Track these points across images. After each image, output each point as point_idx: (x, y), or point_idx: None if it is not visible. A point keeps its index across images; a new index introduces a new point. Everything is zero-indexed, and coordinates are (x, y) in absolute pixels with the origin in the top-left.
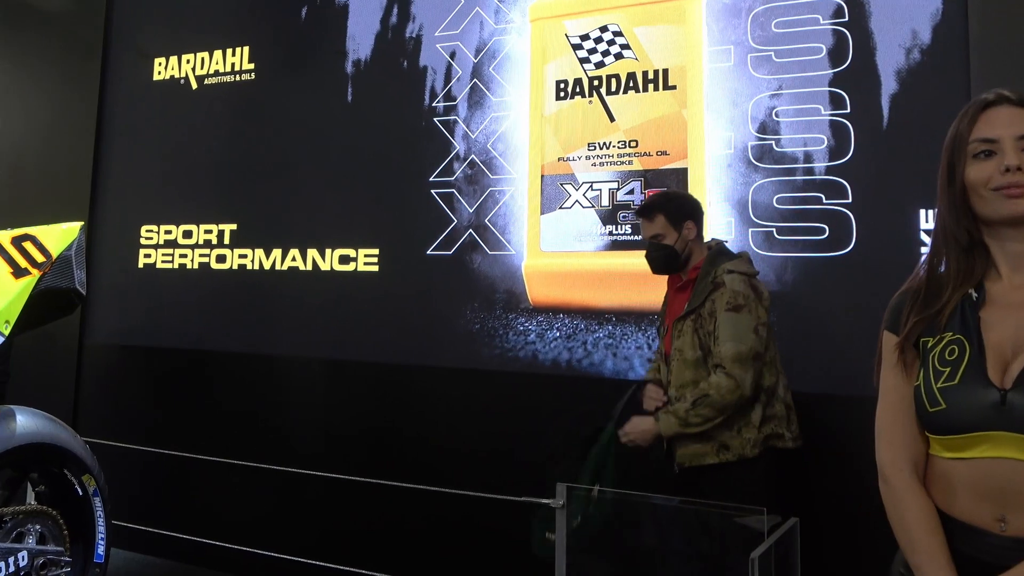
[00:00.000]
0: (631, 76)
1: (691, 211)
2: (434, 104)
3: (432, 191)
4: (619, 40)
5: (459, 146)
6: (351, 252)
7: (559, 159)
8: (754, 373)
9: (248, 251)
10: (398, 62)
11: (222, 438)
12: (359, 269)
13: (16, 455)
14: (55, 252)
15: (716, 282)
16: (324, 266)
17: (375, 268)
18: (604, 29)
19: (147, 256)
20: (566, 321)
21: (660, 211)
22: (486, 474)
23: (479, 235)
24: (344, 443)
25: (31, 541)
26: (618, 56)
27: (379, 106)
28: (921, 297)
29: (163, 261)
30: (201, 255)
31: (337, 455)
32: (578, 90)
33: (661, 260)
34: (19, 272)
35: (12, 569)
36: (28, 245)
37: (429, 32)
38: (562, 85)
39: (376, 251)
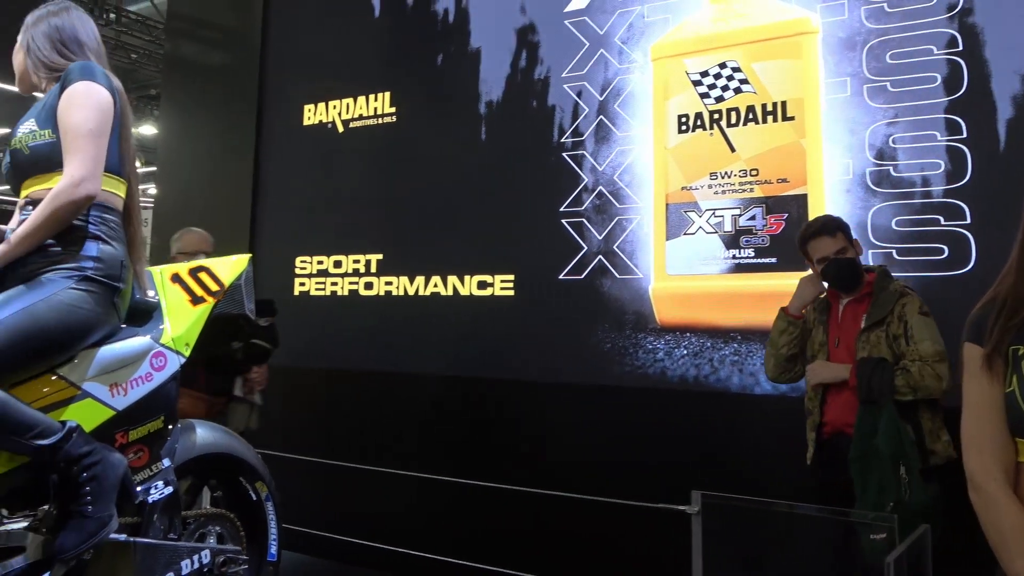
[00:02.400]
0: (750, 109)
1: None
2: (563, 140)
3: (563, 220)
4: (738, 75)
5: (587, 178)
6: (488, 278)
7: (682, 188)
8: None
9: (393, 278)
10: (528, 102)
11: (373, 448)
12: (496, 294)
13: (197, 464)
14: (227, 282)
15: (902, 291)
16: (464, 291)
17: (511, 292)
18: (723, 66)
19: (302, 284)
20: (693, 340)
21: (840, 229)
22: (618, 482)
23: (608, 260)
24: (485, 453)
25: (212, 541)
26: (737, 90)
27: (511, 143)
28: (1007, 306)
29: (316, 289)
30: (351, 283)
31: (478, 464)
32: (699, 123)
33: (852, 274)
34: (196, 300)
35: (197, 566)
36: (203, 275)
37: (556, 73)
38: (683, 119)
39: (512, 277)
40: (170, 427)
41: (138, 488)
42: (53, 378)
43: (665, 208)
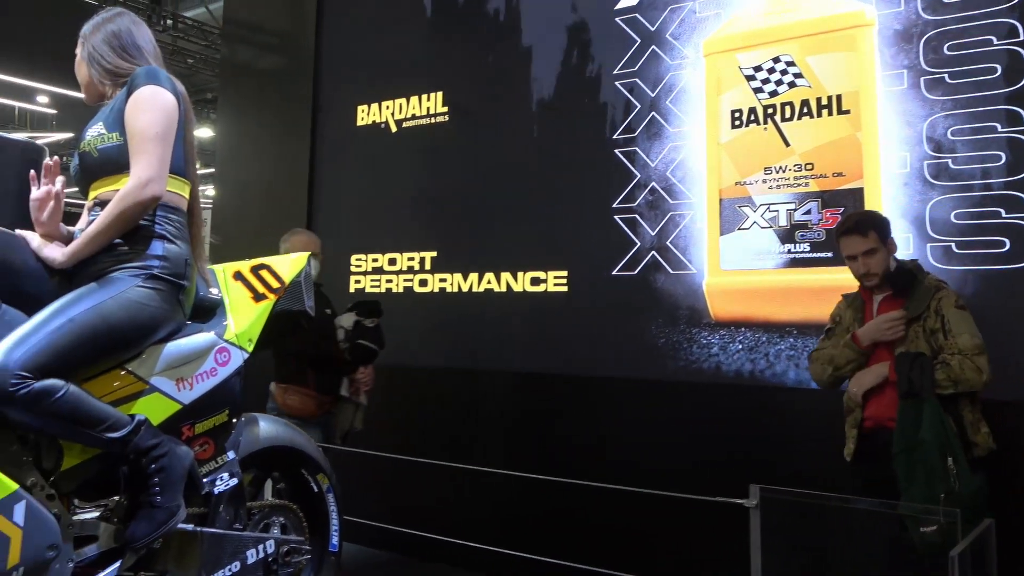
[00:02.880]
0: (805, 103)
1: (890, 230)
2: (614, 137)
3: (615, 217)
4: (792, 69)
5: (639, 174)
6: (541, 274)
7: (736, 183)
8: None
9: (447, 275)
10: (579, 100)
11: (426, 441)
12: (549, 290)
13: (260, 457)
14: (287, 279)
15: (937, 286)
16: (517, 287)
17: (564, 288)
18: (776, 60)
19: (357, 282)
20: (748, 334)
21: (873, 228)
22: (675, 476)
23: (661, 256)
24: (538, 446)
25: (276, 531)
26: (791, 84)
27: (563, 141)
28: None
29: (371, 286)
30: (405, 280)
31: (531, 457)
32: (753, 118)
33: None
34: (258, 297)
35: (262, 555)
36: (264, 273)
37: (608, 71)
38: (737, 114)
39: (565, 273)
40: (234, 420)
41: (204, 479)
42: (122, 373)
43: (719, 203)
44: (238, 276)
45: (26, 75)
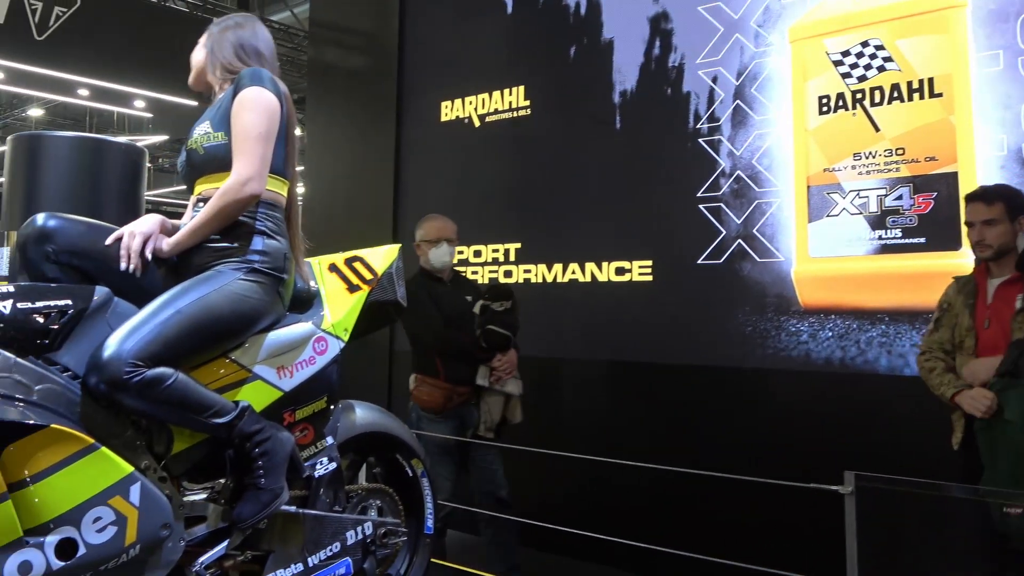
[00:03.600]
0: (895, 87)
1: None
2: (698, 126)
3: (700, 206)
4: (881, 53)
5: (724, 163)
6: (626, 264)
7: (824, 170)
8: None
9: (532, 266)
10: (662, 90)
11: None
12: (634, 279)
13: (357, 442)
14: (380, 270)
15: None
16: (601, 277)
17: (649, 278)
18: (865, 44)
19: None
20: (838, 322)
21: (1001, 199)
22: (766, 462)
23: (748, 244)
24: (624, 434)
25: (373, 514)
26: (880, 69)
27: (646, 131)
28: None
29: None
30: (490, 271)
31: (618, 444)
32: (841, 104)
33: None
34: (352, 288)
35: (360, 536)
36: (358, 265)
37: (691, 60)
38: (824, 100)
39: (649, 262)
40: (332, 407)
41: (305, 463)
42: (227, 361)
43: (807, 190)
44: (333, 268)
45: (123, 81)
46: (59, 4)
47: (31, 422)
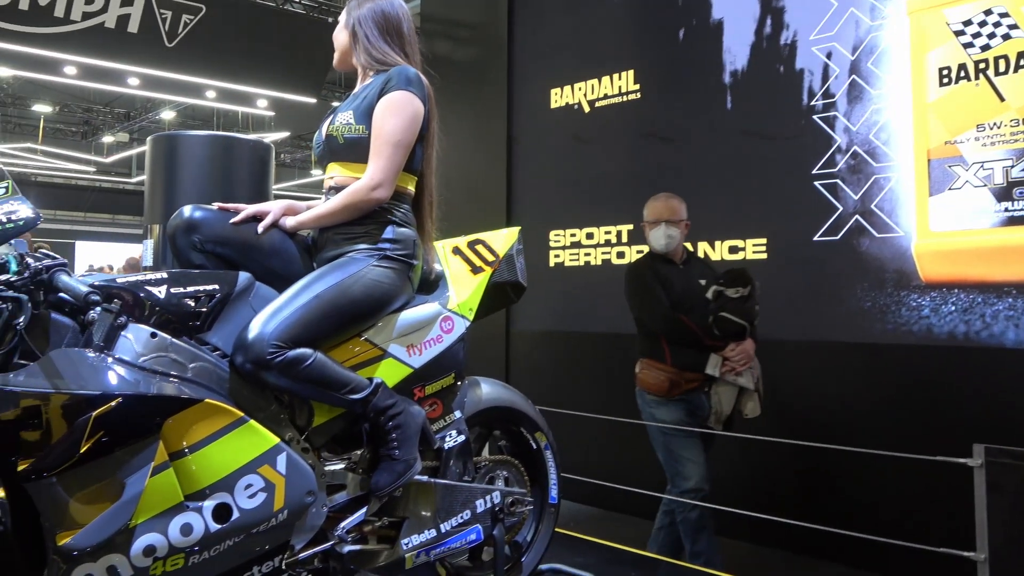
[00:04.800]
0: (1021, 55)
1: None
2: (812, 103)
3: (816, 183)
4: (1005, 21)
5: (840, 139)
6: (739, 242)
7: (946, 142)
8: None
9: (644, 247)
10: (774, 68)
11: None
12: (748, 257)
13: (483, 416)
14: (501, 252)
15: None
16: (715, 256)
17: (764, 255)
18: (988, 12)
19: (556, 256)
20: (961, 296)
21: None
22: (891, 436)
23: (866, 220)
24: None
25: (500, 484)
26: (1006, 37)
27: (758, 110)
28: None
29: (570, 260)
30: (603, 253)
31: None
32: (963, 74)
33: None
34: (476, 269)
35: (489, 505)
36: (480, 247)
37: (804, 36)
38: (945, 71)
39: (764, 240)
40: (459, 383)
41: (435, 436)
42: (361, 341)
43: (927, 164)
44: (456, 251)
45: (247, 82)
46: (186, 12)
47: (187, 397)
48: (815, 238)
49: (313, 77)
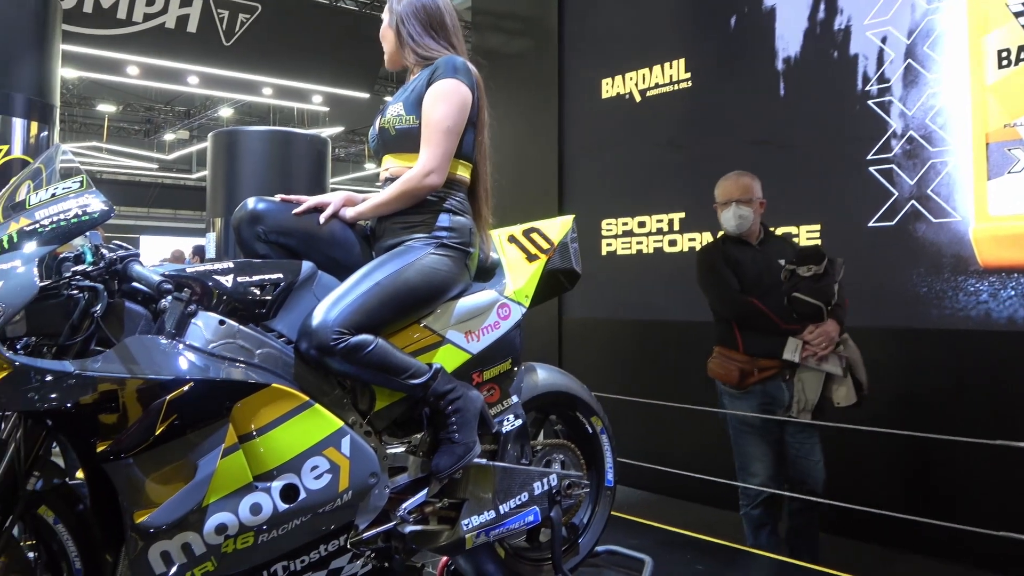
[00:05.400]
0: None
1: None
2: (867, 88)
3: (870, 168)
4: None
5: (896, 124)
6: (793, 229)
7: (1005, 126)
8: None
9: (697, 234)
10: (828, 54)
11: (673, 388)
12: (802, 243)
13: (539, 401)
14: (556, 240)
15: None
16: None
17: (817, 241)
18: None
19: (608, 245)
20: (1021, 280)
21: None
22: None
23: (922, 205)
24: None
25: (557, 467)
26: None
27: (811, 96)
28: None
29: (622, 248)
30: (655, 241)
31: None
32: (1023, 56)
33: None
34: (531, 257)
35: (546, 487)
36: (535, 236)
37: (858, 22)
38: (1004, 54)
39: (818, 226)
40: (516, 369)
41: (493, 420)
42: (420, 327)
43: (985, 148)
44: (512, 239)
45: (302, 79)
46: (243, 11)
47: (255, 381)
48: (870, 224)
49: (366, 72)
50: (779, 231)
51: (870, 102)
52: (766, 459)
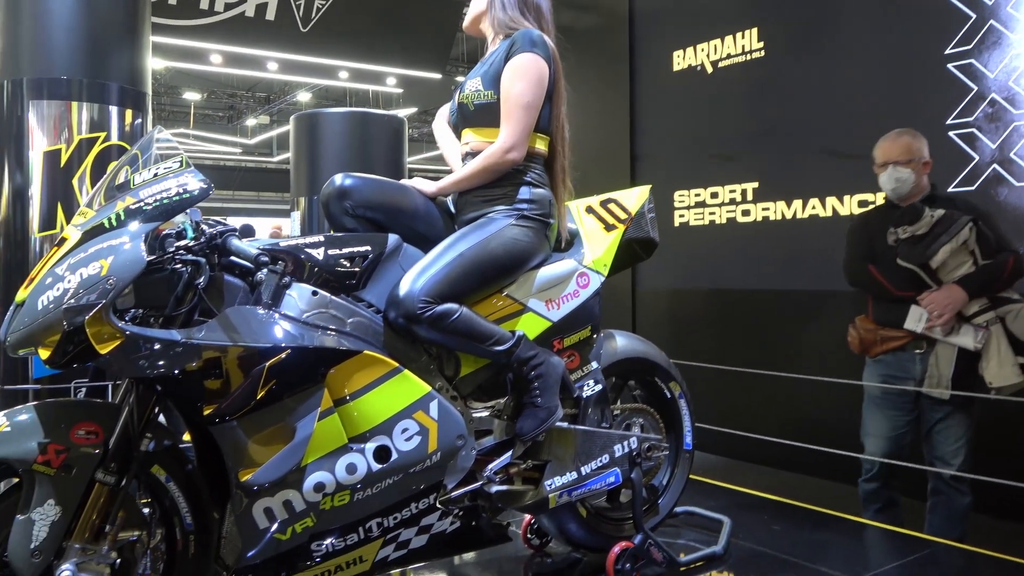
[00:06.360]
0: None
1: None
2: (947, 51)
3: (950, 133)
4: None
5: (977, 87)
6: (870, 196)
7: None
8: None
9: (770, 204)
10: (905, 17)
11: (746, 354)
12: (858, 214)
13: (618, 367)
14: (633, 210)
15: None
16: (843, 211)
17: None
18: None
19: (681, 216)
20: None
21: None
22: None
23: (1004, 169)
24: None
25: (637, 431)
26: None
27: (888, 61)
28: None
29: (695, 219)
30: (728, 211)
31: (835, 365)
32: None
33: None
34: (609, 227)
35: (626, 450)
36: (612, 206)
37: None
38: None
39: None
40: (595, 336)
41: (574, 385)
42: (503, 296)
43: None
44: (589, 210)
45: (377, 62)
46: None
47: (347, 349)
48: (950, 189)
49: (438, 53)
50: (857, 197)
51: (950, 65)
52: (881, 436)
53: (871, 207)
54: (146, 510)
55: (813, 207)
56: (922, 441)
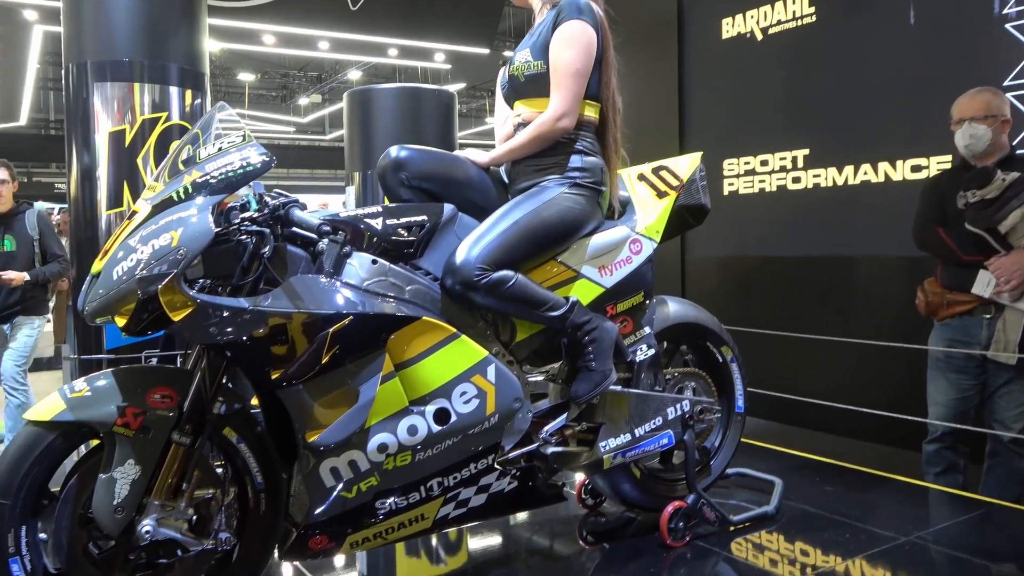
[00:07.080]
0: None
1: None
2: (1005, 11)
3: (1008, 95)
4: None
5: None
6: (923, 161)
7: None
8: None
9: (821, 171)
10: None
11: (796, 320)
12: (931, 175)
13: (671, 332)
14: (684, 177)
15: None
16: (895, 176)
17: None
18: None
19: (730, 184)
20: None
21: None
22: None
23: None
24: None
25: (689, 394)
26: None
27: (943, 22)
28: None
29: (744, 187)
30: (778, 179)
31: (887, 328)
32: None
33: None
34: (660, 194)
35: (679, 413)
36: (664, 173)
37: None
38: None
39: (949, 157)
40: (648, 302)
41: (628, 350)
42: (557, 263)
43: None
44: (641, 178)
45: (426, 38)
46: None
47: (406, 315)
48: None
49: (486, 27)
50: (910, 163)
51: (1008, 26)
52: (943, 403)
53: (944, 169)
54: (219, 470)
55: (865, 173)
56: (984, 404)
